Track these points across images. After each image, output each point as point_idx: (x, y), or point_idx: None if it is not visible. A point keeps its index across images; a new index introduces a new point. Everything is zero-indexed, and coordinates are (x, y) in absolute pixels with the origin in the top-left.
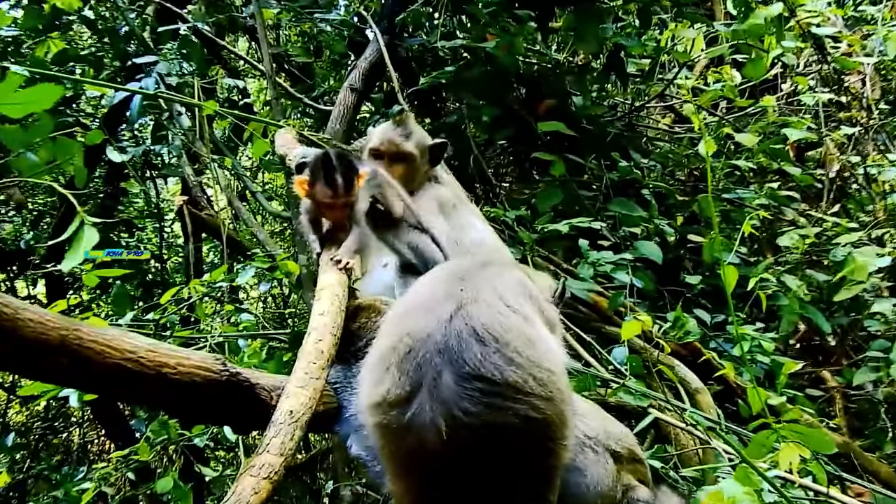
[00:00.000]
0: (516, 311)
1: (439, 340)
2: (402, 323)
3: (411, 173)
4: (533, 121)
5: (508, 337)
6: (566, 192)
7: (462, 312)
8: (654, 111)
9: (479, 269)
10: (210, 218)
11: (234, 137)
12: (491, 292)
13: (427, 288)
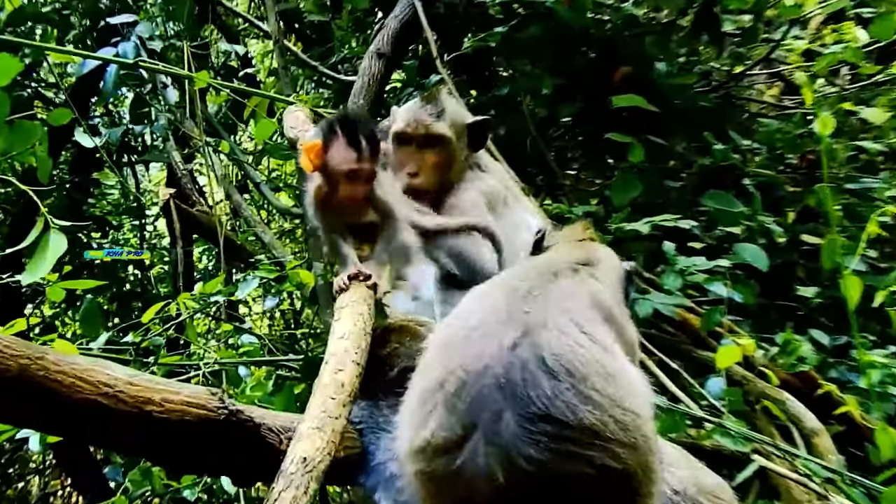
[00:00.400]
0: (594, 340)
1: (500, 373)
2: (452, 351)
3: (447, 160)
4: (605, 93)
5: (585, 371)
6: (647, 182)
7: (529, 340)
8: (758, 80)
9: (547, 283)
10: (203, 215)
11: (233, 116)
12: (562, 314)
13: (482, 307)
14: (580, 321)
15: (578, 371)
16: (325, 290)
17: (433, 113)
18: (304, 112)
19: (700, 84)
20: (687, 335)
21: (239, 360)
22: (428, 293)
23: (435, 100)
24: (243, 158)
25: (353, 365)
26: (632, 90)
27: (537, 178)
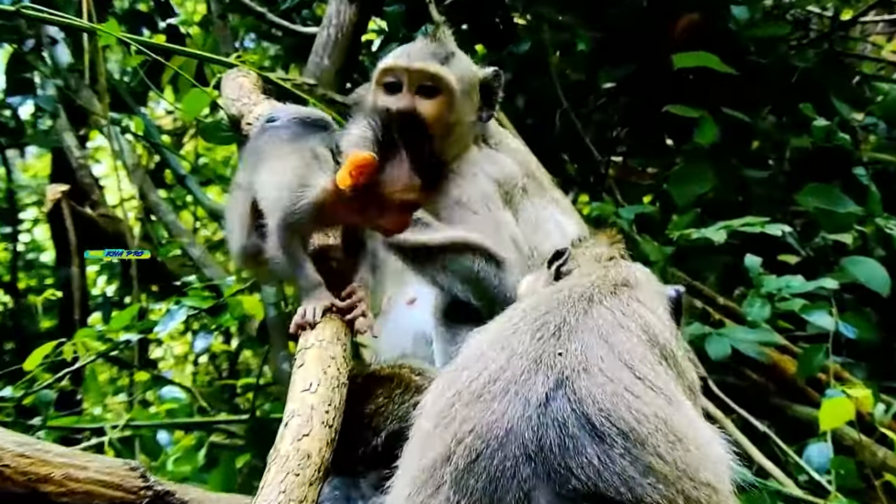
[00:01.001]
0: (654, 386)
1: (528, 439)
2: (461, 411)
3: (449, 119)
4: (663, 51)
5: (644, 430)
6: (721, 172)
7: (566, 391)
8: (874, 29)
9: (582, 313)
10: (105, 220)
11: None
12: (608, 353)
13: (500, 349)
14: (633, 361)
15: (635, 431)
16: (279, 324)
17: (437, 53)
18: (250, 77)
19: (794, 36)
20: (778, 384)
21: (158, 422)
22: (421, 325)
23: (439, 39)
24: (162, 142)
25: (323, 428)
26: (699, 45)
27: (570, 166)
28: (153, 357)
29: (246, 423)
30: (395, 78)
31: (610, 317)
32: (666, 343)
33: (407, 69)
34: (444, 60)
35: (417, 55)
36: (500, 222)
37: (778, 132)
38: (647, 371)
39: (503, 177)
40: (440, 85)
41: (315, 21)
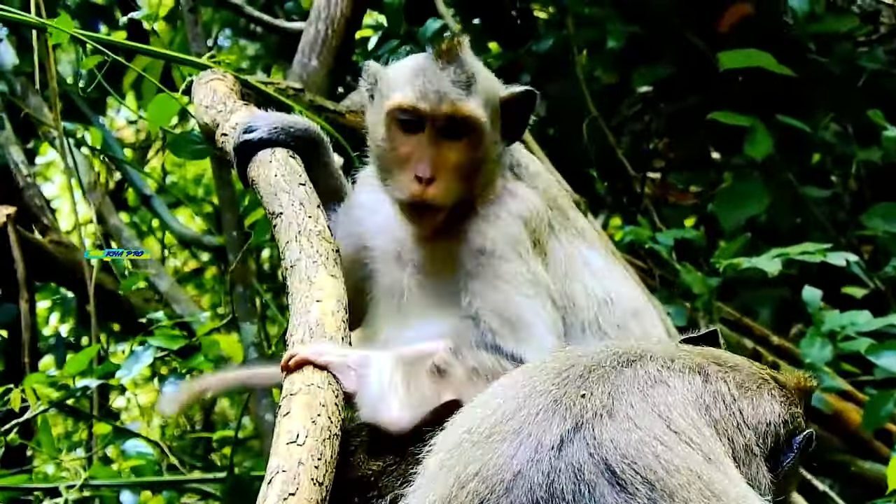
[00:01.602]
0: (690, 441)
1: (538, 484)
2: (468, 449)
3: (478, 160)
4: (708, 48)
5: (673, 481)
6: (775, 190)
7: (584, 434)
8: None
9: (625, 364)
10: (58, 248)
11: (109, 87)
12: (640, 400)
13: (515, 389)
14: (669, 414)
15: (663, 482)
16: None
17: (459, 80)
18: (225, 81)
19: (861, 31)
20: (841, 436)
21: (121, 481)
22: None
23: (458, 60)
24: (124, 157)
25: (313, 486)
26: (750, 42)
27: (599, 183)
28: (115, 407)
29: (223, 482)
30: (413, 117)
31: (654, 372)
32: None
33: (433, 112)
34: (467, 87)
35: (440, 88)
36: (535, 274)
37: (842, 144)
38: (685, 426)
39: (529, 214)
40: (468, 121)
41: (301, 15)
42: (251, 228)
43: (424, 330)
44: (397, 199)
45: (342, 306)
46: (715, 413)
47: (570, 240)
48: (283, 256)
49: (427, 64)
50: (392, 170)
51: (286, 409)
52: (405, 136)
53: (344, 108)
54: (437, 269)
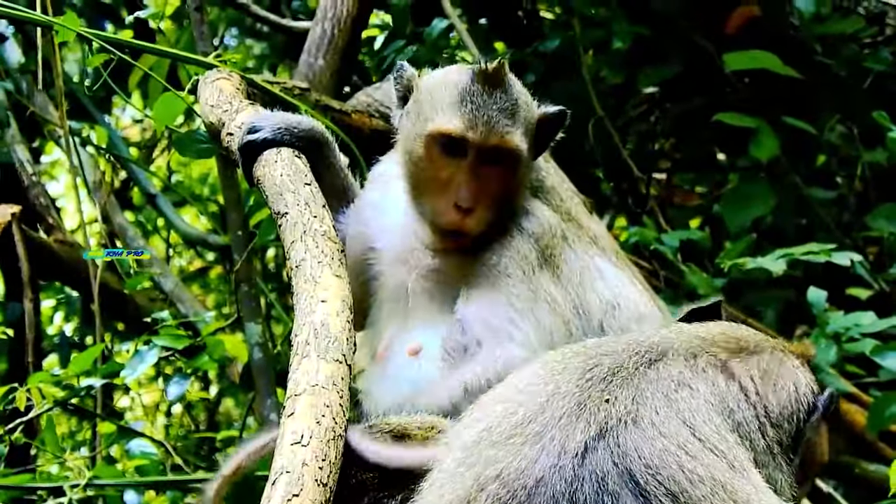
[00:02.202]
0: (713, 448)
1: (560, 492)
2: (488, 449)
3: (513, 187)
4: (714, 49)
5: (697, 492)
6: (781, 191)
7: (608, 442)
8: None
9: (643, 367)
10: (63, 247)
11: (115, 86)
12: (665, 406)
13: (543, 382)
14: (694, 421)
15: (686, 493)
16: (266, 367)
17: (505, 109)
18: (231, 80)
19: (867, 33)
20: (846, 438)
21: (125, 481)
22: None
23: (502, 82)
24: (132, 158)
25: (317, 487)
26: (756, 43)
27: (605, 184)
28: (119, 406)
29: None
30: (458, 144)
31: (678, 374)
32: (745, 422)
33: (480, 145)
34: (512, 116)
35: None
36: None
37: (848, 145)
38: (709, 433)
39: (542, 231)
40: (510, 152)
41: (308, 14)
42: (256, 228)
43: (425, 334)
44: (432, 223)
45: (347, 306)
46: (738, 416)
47: (585, 249)
48: (288, 256)
49: (473, 88)
50: (428, 191)
51: (291, 410)
52: (446, 160)
53: (350, 108)
54: (443, 278)
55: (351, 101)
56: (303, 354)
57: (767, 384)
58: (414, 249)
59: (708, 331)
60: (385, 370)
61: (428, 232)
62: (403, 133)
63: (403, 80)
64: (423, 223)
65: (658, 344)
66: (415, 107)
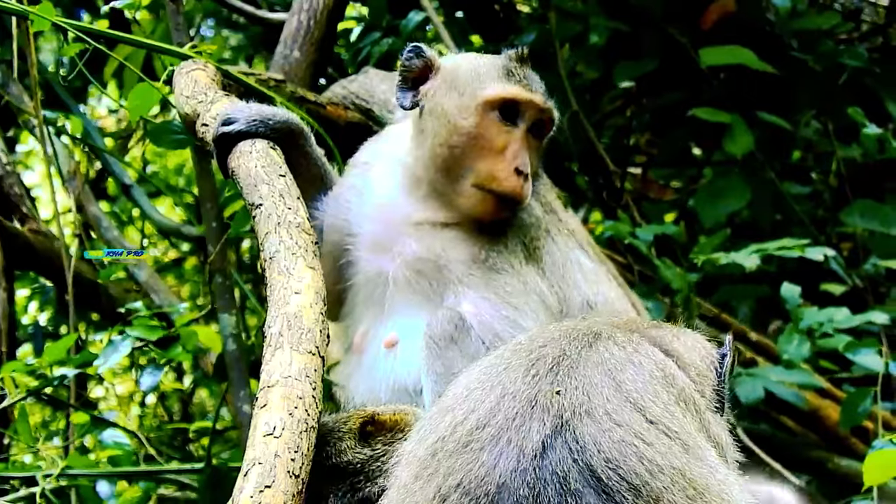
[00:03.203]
0: (668, 432)
1: (524, 496)
2: (445, 460)
3: (537, 164)
4: (691, 45)
5: (657, 484)
6: (756, 186)
7: (565, 438)
8: None
9: (584, 349)
10: (37, 237)
11: (90, 76)
12: (614, 391)
13: (489, 385)
14: (644, 402)
15: (648, 486)
16: (240, 358)
17: (542, 84)
18: (207, 71)
19: (843, 29)
20: (818, 433)
21: (98, 471)
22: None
23: (530, 64)
24: (104, 146)
25: (289, 479)
26: (732, 39)
27: (580, 178)
28: (93, 396)
29: (200, 473)
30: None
31: (618, 352)
32: (686, 387)
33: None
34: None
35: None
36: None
37: (823, 141)
38: (660, 413)
39: (531, 222)
40: (552, 125)
41: (284, 6)
42: (231, 219)
43: (404, 326)
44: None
45: (321, 298)
46: (679, 383)
47: (566, 241)
48: (262, 248)
49: (512, 65)
50: (481, 159)
51: (263, 401)
52: (501, 127)
53: (325, 100)
54: (427, 265)
55: (326, 93)
56: (276, 346)
57: (686, 346)
58: (399, 234)
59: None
60: (361, 362)
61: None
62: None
63: (419, 61)
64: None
65: (589, 327)
66: (446, 84)
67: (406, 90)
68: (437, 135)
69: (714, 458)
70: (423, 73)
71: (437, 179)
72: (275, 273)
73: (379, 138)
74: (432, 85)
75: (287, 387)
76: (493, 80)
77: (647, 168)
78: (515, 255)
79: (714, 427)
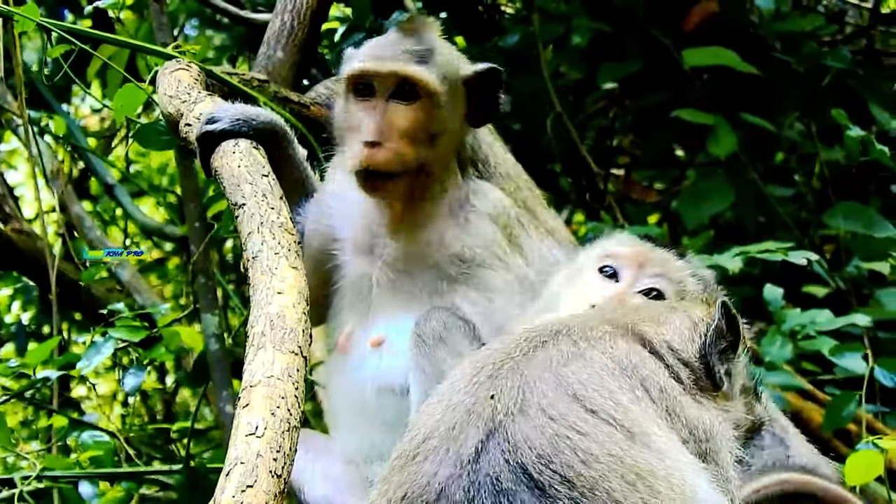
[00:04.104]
0: (608, 418)
1: (460, 499)
2: (396, 474)
3: (431, 128)
4: (674, 46)
5: (592, 473)
6: (739, 189)
7: (498, 440)
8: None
9: (540, 346)
10: (20, 237)
11: (74, 76)
12: (554, 386)
13: (438, 399)
14: (585, 392)
15: (582, 476)
16: (222, 358)
17: (414, 50)
18: (190, 71)
19: (827, 31)
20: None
21: (79, 472)
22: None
23: (417, 32)
24: (88, 145)
25: (271, 479)
26: (716, 40)
27: (563, 179)
28: (75, 396)
29: (181, 474)
30: (364, 81)
31: (569, 347)
32: (652, 374)
33: (377, 73)
34: (422, 58)
35: (390, 53)
36: (519, 275)
37: (806, 143)
38: (602, 402)
39: (496, 212)
40: (418, 88)
41: (268, 6)
42: (214, 219)
43: (389, 326)
44: (350, 171)
45: (304, 298)
46: (644, 370)
47: (541, 238)
48: (244, 247)
49: (384, 38)
50: (346, 141)
51: (245, 401)
52: (359, 103)
53: (309, 100)
54: (409, 266)
55: (310, 94)
56: (258, 346)
57: (663, 326)
58: (376, 237)
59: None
60: (346, 362)
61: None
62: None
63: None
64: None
65: (554, 325)
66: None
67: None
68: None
69: (667, 443)
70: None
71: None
72: (257, 273)
73: None
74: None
75: (270, 387)
76: (355, 58)
77: (630, 169)
78: (498, 244)
79: (691, 411)
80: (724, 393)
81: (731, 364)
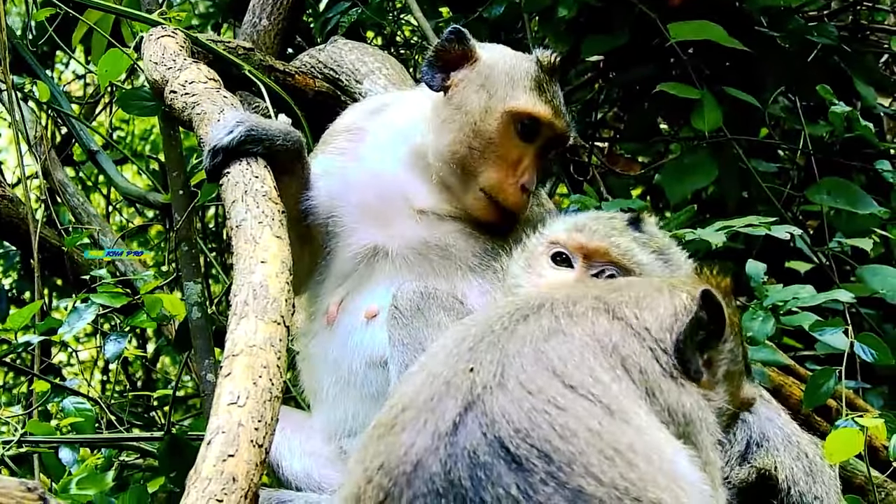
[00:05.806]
0: (587, 393)
1: (436, 473)
2: (373, 443)
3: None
4: (660, 19)
5: (570, 448)
6: (723, 163)
7: (476, 413)
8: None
9: (515, 323)
10: (3, 202)
11: (59, 40)
12: (533, 363)
13: (418, 369)
14: (565, 368)
15: (559, 451)
16: (204, 326)
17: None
18: (175, 38)
19: (812, 6)
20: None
21: (60, 438)
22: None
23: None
24: (73, 113)
25: (252, 448)
26: (701, 14)
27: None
28: (56, 362)
29: (162, 441)
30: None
31: (550, 323)
32: (633, 354)
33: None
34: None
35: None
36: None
37: (790, 118)
38: (582, 377)
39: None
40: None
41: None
42: (198, 187)
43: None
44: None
45: (287, 268)
46: (624, 349)
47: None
48: (228, 216)
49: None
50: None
51: (227, 370)
52: (518, 140)
53: (293, 69)
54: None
55: (295, 62)
56: (241, 315)
57: (643, 309)
58: (400, 214)
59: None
60: (333, 332)
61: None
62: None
63: (459, 47)
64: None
65: (537, 299)
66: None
67: (436, 70)
68: (460, 130)
69: (645, 420)
70: (459, 59)
71: (449, 173)
72: (241, 242)
73: (372, 104)
74: (465, 75)
75: (252, 356)
76: (524, 92)
77: (613, 142)
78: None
79: (671, 394)
80: (705, 381)
81: (712, 352)
